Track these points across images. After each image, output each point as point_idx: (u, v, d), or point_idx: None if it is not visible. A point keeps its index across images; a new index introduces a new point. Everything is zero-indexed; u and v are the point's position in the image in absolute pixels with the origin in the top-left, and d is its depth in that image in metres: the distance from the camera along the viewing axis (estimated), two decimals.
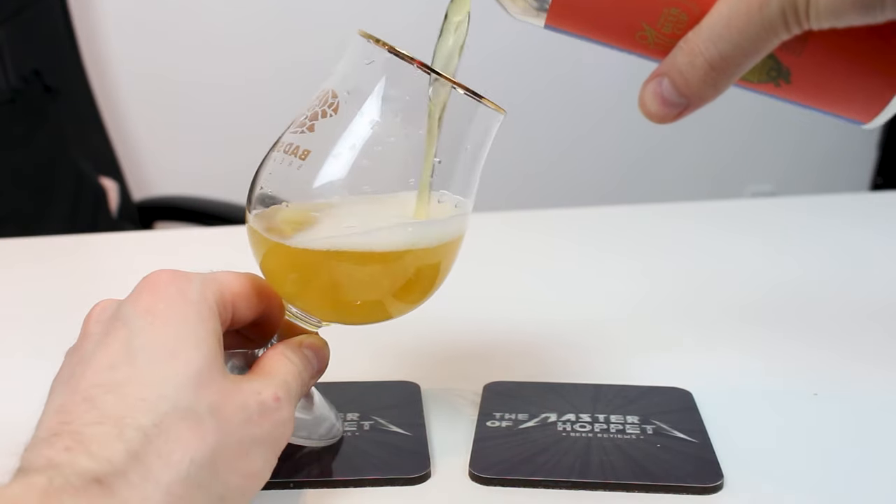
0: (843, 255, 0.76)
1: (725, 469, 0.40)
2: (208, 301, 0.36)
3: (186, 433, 0.32)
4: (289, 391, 0.37)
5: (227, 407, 0.34)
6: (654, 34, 0.36)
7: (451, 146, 0.39)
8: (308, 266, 0.39)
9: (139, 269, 0.38)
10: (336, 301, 0.40)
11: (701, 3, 0.35)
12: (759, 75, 0.37)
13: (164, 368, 0.33)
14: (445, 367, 0.53)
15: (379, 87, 0.38)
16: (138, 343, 0.34)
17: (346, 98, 0.39)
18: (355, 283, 0.39)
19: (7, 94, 1.32)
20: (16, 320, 0.64)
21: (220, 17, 1.84)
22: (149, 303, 0.35)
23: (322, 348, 0.41)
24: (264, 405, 0.35)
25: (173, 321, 0.35)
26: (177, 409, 0.32)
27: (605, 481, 0.39)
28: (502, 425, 0.44)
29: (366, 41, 0.38)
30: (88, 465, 0.29)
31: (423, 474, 0.40)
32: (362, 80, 0.38)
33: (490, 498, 0.39)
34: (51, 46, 1.48)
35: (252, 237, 0.40)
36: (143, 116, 1.84)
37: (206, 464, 0.32)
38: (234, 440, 0.33)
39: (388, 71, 0.38)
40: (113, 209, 1.47)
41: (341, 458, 0.41)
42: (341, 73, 0.39)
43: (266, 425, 0.35)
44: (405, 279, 0.40)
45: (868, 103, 0.38)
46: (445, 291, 0.42)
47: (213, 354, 0.35)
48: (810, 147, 2.32)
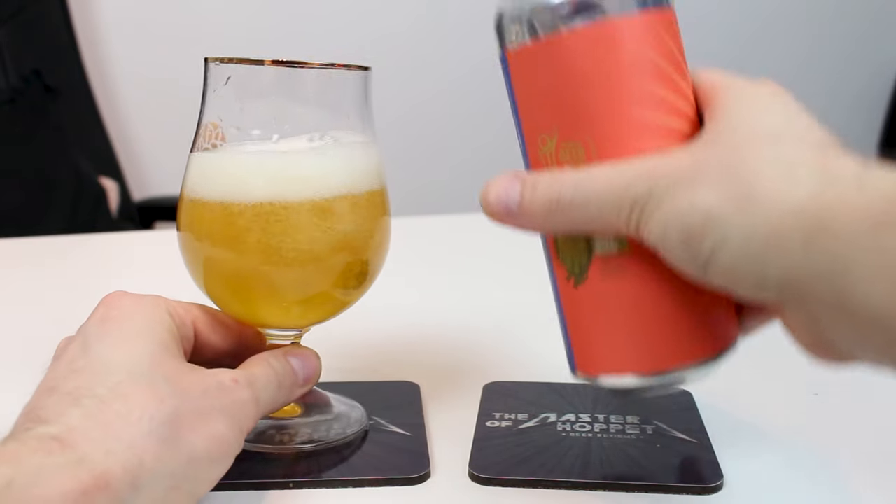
0: None
1: (725, 469, 0.40)
2: (162, 308, 0.38)
3: (142, 396, 0.33)
4: (252, 382, 0.37)
5: (183, 380, 0.35)
6: (551, 148, 0.36)
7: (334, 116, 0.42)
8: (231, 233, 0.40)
9: (139, 269, 0.38)
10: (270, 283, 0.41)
11: (600, 153, 0.34)
12: (572, 254, 0.37)
13: (117, 353, 0.35)
14: (445, 367, 0.53)
15: (250, 100, 0.41)
16: (93, 340, 0.36)
17: (226, 126, 0.41)
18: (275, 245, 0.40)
19: (7, 94, 1.32)
20: (16, 320, 0.64)
21: (220, 17, 1.84)
22: (103, 313, 0.37)
23: (309, 357, 0.41)
24: (221, 384, 0.36)
25: (127, 322, 0.37)
26: (131, 376, 0.33)
27: (605, 481, 0.39)
28: (502, 425, 0.44)
29: (216, 64, 0.40)
30: (46, 430, 0.31)
31: (422, 474, 0.40)
32: (231, 102, 0.40)
33: (490, 498, 0.39)
34: (51, 46, 1.48)
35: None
36: (143, 116, 1.84)
37: (167, 421, 0.32)
38: (192, 406, 0.34)
39: (249, 79, 0.40)
40: (113, 209, 1.47)
41: (341, 458, 0.41)
42: (210, 103, 0.41)
43: (225, 399, 0.36)
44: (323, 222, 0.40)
45: (631, 357, 0.36)
46: (446, 291, 0.42)
47: (167, 344, 0.36)
48: None
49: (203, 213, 0.40)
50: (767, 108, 0.33)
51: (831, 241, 0.27)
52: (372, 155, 0.42)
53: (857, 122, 2.32)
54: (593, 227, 0.34)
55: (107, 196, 1.46)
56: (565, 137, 0.35)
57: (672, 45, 0.35)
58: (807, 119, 0.32)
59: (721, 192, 0.30)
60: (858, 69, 2.29)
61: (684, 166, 0.31)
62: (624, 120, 0.35)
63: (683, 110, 0.35)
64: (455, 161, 2.07)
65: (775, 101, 0.33)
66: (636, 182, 0.32)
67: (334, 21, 1.91)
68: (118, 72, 1.81)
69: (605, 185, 0.33)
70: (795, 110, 0.33)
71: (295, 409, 0.43)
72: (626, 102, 0.35)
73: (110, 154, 1.58)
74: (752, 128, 0.32)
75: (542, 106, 0.36)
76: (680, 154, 0.32)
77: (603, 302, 0.36)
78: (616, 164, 0.34)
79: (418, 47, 1.98)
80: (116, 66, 1.80)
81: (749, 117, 0.32)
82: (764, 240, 0.29)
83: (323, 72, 0.40)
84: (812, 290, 0.28)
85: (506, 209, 0.35)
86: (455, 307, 0.64)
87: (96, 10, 1.77)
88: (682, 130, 0.35)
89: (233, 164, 0.40)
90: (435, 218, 0.99)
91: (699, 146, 0.32)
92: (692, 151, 0.32)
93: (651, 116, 0.35)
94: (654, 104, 0.35)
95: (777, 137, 0.31)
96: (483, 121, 1.94)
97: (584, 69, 0.35)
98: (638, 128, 0.35)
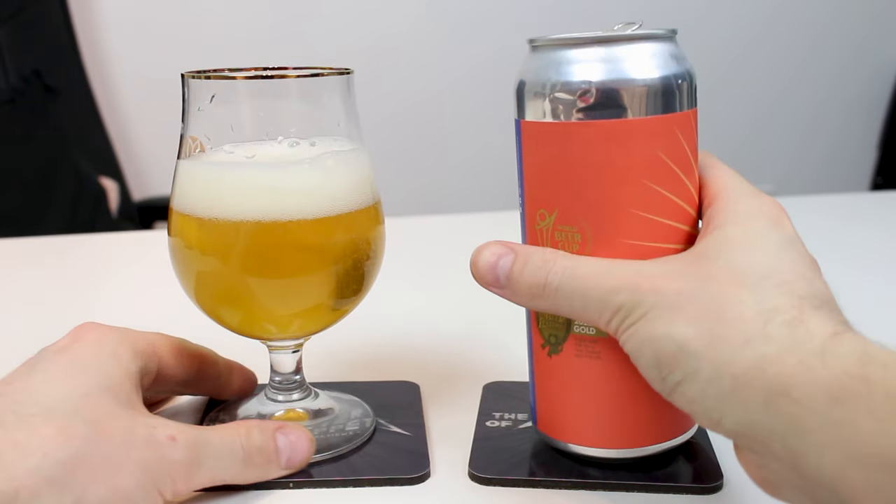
0: (842, 254, 0.76)
1: (725, 469, 0.40)
2: (126, 344, 0.38)
3: (48, 432, 0.32)
4: (196, 444, 0.35)
5: (109, 425, 0.34)
6: (549, 224, 0.37)
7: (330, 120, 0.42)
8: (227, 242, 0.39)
9: (139, 269, 0.38)
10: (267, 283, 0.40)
11: (595, 244, 0.36)
12: (551, 326, 0.38)
13: (50, 386, 0.35)
14: (445, 367, 0.53)
15: (233, 110, 0.40)
16: (39, 367, 0.36)
17: (206, 139, 0.41)
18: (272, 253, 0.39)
19: (7, 94, 1.32)
20: (16, 320, 0.64)
21: (220, 18, 1.84)
22: (65, 343, 0.38)
23: (300, 440, 0.39)
24: (152, 437, 0.34)
25: (80, 356, 0.37)
26: (47, 412, 0.33)
27: (605, 481, 0.39)
28: (502, 425, 0.44)
29: (196, 80, 0.40)
30: None
31: (422, 474, 0.40)
32: (214, 113, 0.40)
33: (489, 498, 0.39)
34: (51, 46, 1.48)
35: None
36: (143, 116, 1.85)
37: (65, 462, 0.32)
38: (104, 453, 0.33)
39: (229, 92, 0.40)
40: (113, 209, 1.47)
41: (341, 458, 0.41)
42: (192, 117, 0.41)
43: (147, 453, 0.34)
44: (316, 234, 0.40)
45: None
46: (446, 291, 0.42)
47: (114, 384, 0.36)
48: (810, 147, 2.32)
49: (193, 228, 0.40)
50: (760, 243, 0.34)
51: (791, 405, 0.29)
52: (363, 164, 0.42)
53: (857, 122, 2.32)
54: (575, 316, 0.36)
55: (107, 196, 1.46)
56: (563, 220, 0.36)
57: (685, 144, 0.36)
58: (795, 255, 0.34)
59: (698, 329, 0.31)
60: (858, 69, 2.29)
61: (670, 291, 0.33)
62: (623, 216, 0.35)
63: (683, 209, 0.36)
64: (453, 161, 2.07)
65: (769, 234, 0.34)
66: (622, 290, 0.33)
67: (333, 21, 1.91)
68: (118, 72, 1.81)
69: (592, 283, 0.34)
70: (787, 243, 0.34)
71: (302, 417, 0.44)
72: (628, 199, 0.35)
73: (110, 154, 1.58)
74: (739, 265, 0.33)
75: (546, 182, 0.37)
76: (668, 273, 0.33)
77: (574, 376, 0.38)
78: (606, 262, 0.35)
79: (417, 47, 1.98)
80: (116, 66, 1.80)
81: (739, 251, 0.33)
82: (730, 384, 0.30)
83: (304, 80, 0.40)
84: (768, 443, 0.30)
85: (494, 279, 0.37)
86: (455, 307, 0.64)
87: (96, 10, 1.77)
88: (679, 230, 0.36)
89: (223, 177, 0.39)
90: (434, 218, 0.99)
91: (687, 269, 0.33)
92: (679, 274, 0.33)
93: (650, 215, 0.35)
94: (655, 204, 0.35)
95: (760, 280, 0.32)
96: (482, 121, 1.94)
97: (592, 160, 0.35)
98: (635, 225, 0.36)
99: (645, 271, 0.34)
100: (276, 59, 0.45)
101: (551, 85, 0.35)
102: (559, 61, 0.35)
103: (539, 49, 0.36)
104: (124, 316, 0.66)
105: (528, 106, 0.36)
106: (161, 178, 1.85)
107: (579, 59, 0.35)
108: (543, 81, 0.36)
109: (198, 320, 0.43)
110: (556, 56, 0.35)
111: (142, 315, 0.65)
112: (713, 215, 0.36)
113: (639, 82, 0.34)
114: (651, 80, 0.35)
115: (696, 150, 0.37)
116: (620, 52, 0.35)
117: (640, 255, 0.35)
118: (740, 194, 0.36)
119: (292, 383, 0.44)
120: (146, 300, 0.69)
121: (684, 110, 0.36)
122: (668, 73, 0.35)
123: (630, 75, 0.34)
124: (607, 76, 0.34)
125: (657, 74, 0.35)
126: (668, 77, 0.35)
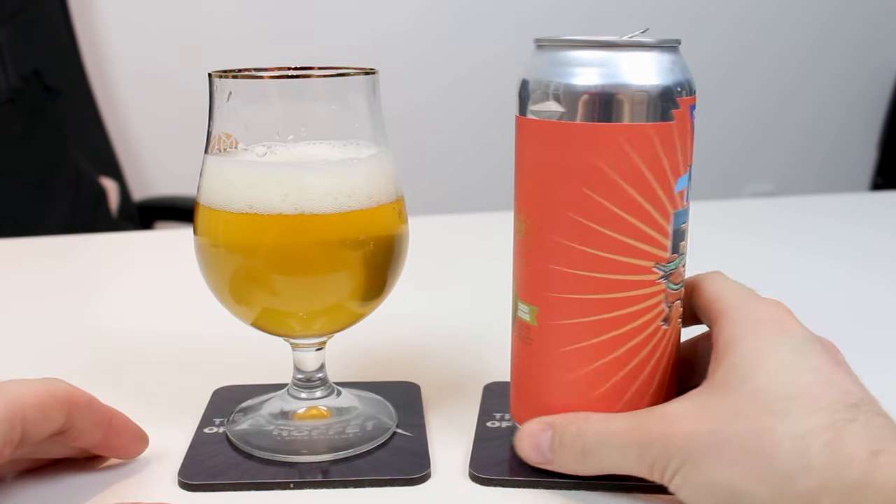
0: (842, 254, 0.76)
1: None
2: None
3: None
4: None
5: None
6: (521, 244, 0.38)
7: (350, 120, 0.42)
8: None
9: (139, 269, 0.38)
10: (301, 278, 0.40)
11: (533, 242, 0.37)
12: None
13: None
14: (445, 368, 0.53)
15: (258, 109, 0.41)
16: None
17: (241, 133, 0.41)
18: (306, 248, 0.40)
19: (7, 94, 1.32)
20: (16, 320, 0.64)
21: (220, 18, 1.84)
22: None
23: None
24: None
25: None
26: None
27: (605, 481, 0.39)
28: (502, 425, 0.44)
29: (219, 79, 0.40)
30: None
31: (423, 474, 0.40)
32: (242, 112, 0.41)
33: (490, 498, 0.39)
34: (51, 46, 1.48)
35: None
36: (143, 116, 1.84)
37: None
38: None
39: (256, 91, 0.41)
40: (113, 209, 1.47)
41: (341, 458, 0.41)
42: (218, 115, 0.41)
43: None
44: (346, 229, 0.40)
45: None
46: (446, 291, 0.42)
47: None
48: (810, 147, 2.32)
49: (223, 222, 0.40)
50: (774, 357, 0.34)
51: None
52: (388, 163, 0.42)
53: (857, 122, 2.32)
54: (624, 472, 0.36)
55: (107, 196, 1.46)
56: (518, 211, 0.38)
57: (633, 156, 0.35)
58: (813, 358, 0.34)
59: (743, 469, 0.32)
60: (858, 69, 2.29)
61: (703, 432, 0.33)
62: (559, 217, 0.36)
63: (626, 221, 0.36)
64: (457, 161, 2.07)
65: (782, 343, 0.35)
66: (654, 442, 0.34)
67: (336, 20, 1.91)
68: (118, 72, 1.81)
69: (624, 440, 0.36)
70: (800, 347, 0.35)
71: (325, 414, 0.44)
72: (564, 201, 0.36)
73: (110, 154, 1.58)
74: (764, 391, 0.33)
75: (517, 175, 0.38)
76: (694, 412, 0.34)
77: (515, 356, 0.41)
78: (634, 416, 0.36)
79: (420, 47, 1.98)
80: (116, 66, 1.80)
81: (758, 375, 0.34)
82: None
83: (331, 80, 0.40)
84: None
85: (541, 458, 0.38)
86: (455, 307, 0.64)
87: (96, 11, 1.77)
88: (618, 241, 0.36)
89: (252, 174, 0.40)
90: (435, 218, 0.99)
91: (712, 403, 0.34)
92: (705, 411, 0.34)
93: (586, 221, 0.36)
94: (592, 211, 0.36)
95: (788, 403, 0.32)
96: (485, 121, 1.94)
97: (538, 157, 0.37)
98: (570, 228, 0.36)
99: (671, 413, 0.35)
100: (275, 60, 0.45)
101: (521, 83, 0.37)
102: (533, 61, 0.37)
103: (543, 48, 0.37)
104: (124, 316, 0.66)
105: (527, 101, 0.37)
106: (161, 178, 1.85)
107: (546, 61, 0.36)
108: (547, 80, 0.36)
109: (198, 320, 0.43)
110: (535, 56, 0.37)
111: (142, 315, 0.65)
112: (721, 330, 0.37)
113: (579, 88, 0.35)
114: (592, 87, 0.35)
115: (657, 164, 0.35)
116: (568, 57, 0.36)
117: (572, 258, 0.36)
118: (742, 304, 0.37)
119: (315, 381, 0.45)
120: (146, 300, 0.69)
121: (636, 122, 0.35)
122: (613, 84, 0.35)
123: (570, 80, 0.35)
124: (560, 78, 0.35)
125: (597, 82, 0.35)
126: (610, 87, 0.35)
